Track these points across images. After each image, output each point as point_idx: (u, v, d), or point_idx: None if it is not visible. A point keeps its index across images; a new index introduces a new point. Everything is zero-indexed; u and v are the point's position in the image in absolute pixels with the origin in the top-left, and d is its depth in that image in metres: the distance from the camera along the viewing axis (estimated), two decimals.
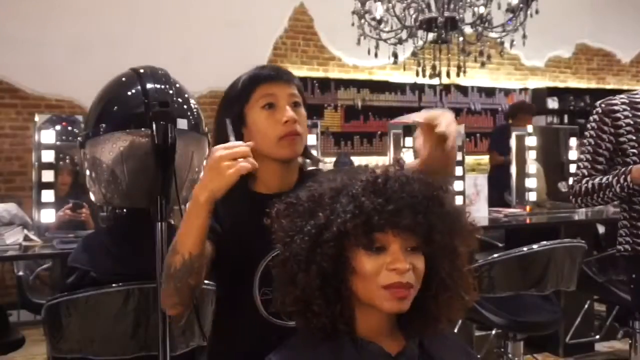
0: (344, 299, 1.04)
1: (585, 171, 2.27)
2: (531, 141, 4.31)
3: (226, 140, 1.25)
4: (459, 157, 3.98)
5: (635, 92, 2.30)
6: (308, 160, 1.53)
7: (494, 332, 2.95)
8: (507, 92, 7.57)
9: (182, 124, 1.65)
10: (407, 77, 5.92)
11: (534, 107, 6.16)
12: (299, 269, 1.03)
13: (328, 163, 4.86)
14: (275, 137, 1.33)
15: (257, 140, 1.31)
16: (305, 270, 1.02)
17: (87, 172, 1.73)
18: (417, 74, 4.62)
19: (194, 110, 1.76)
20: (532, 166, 4.26)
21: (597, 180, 2.22)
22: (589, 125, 2.30)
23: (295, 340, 1.10)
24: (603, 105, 2.26)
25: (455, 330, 2.69)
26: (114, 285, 1.67)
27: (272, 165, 1.36)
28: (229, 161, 1.13)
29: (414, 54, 4.59)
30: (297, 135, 1.35)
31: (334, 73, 6.76)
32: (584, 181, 2.26)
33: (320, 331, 1.04)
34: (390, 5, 4.43)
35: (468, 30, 4.53)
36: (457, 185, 3.86)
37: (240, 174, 1.13)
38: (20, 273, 3.17)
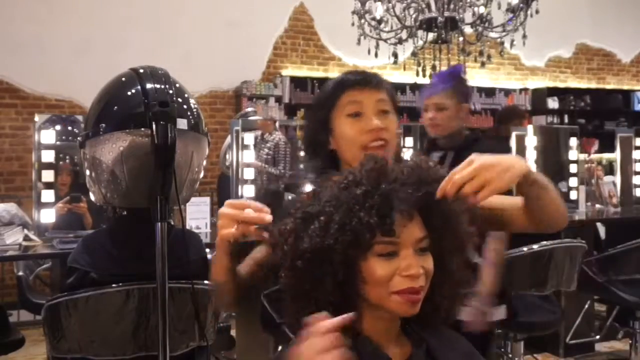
0: (355, 307, 1.03)
1: None
2: (531, 141, 4.31)
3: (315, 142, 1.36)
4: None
5: None
6: None
7: None
8: (507, 92, 7.57)
9: (182, 124, 1.65)
10: (407, 77, 5.92)
11: (524, 110, 6.14)
12: (312, 285, 1.01)
13: None
14: (360, 145, 1.29)
15: (343, 148, 1.32)
16: (319, 284, 1.01)
17: (87, 172, 1.73)
18: (417, 74, 4.62)
19: (194, 110, 1.75)
20: (533, 166, 4.26)
21: None
22: None
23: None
24: None
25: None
26: (114, 285, 1.67)
27: None
28: (228, 221, 1.09)
29: (414, 54, 4.59)
30: (384, 143, 1.29)
31: (334, 73, 6.75)
32: None
33: None
34: (390, 5, 4.44)
35: (468, 30, 4.53)
36: None
37: (226, 240, 1.10)
38: (20, 273, 3.17)
